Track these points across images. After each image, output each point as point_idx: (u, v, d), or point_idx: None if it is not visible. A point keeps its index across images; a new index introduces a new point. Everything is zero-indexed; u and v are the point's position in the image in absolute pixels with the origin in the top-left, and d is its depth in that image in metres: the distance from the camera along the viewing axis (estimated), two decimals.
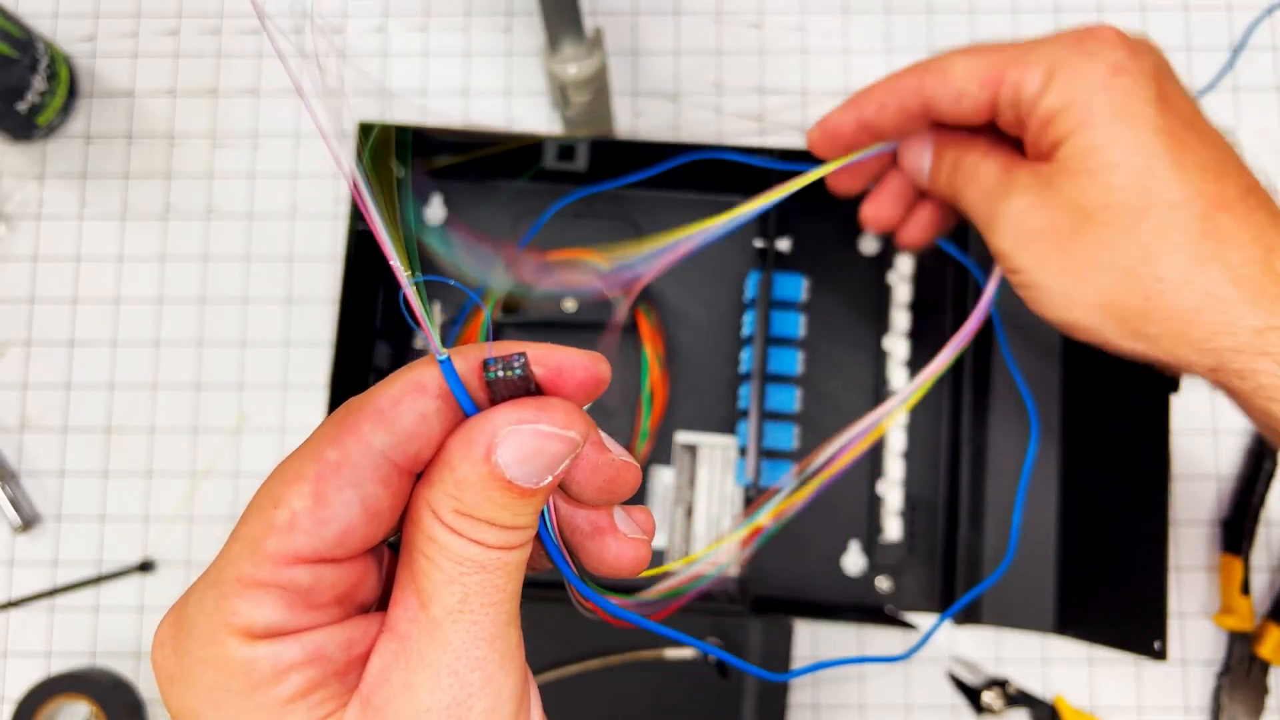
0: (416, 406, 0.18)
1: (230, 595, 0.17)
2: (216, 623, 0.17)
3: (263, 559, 0.17)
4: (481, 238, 0.52)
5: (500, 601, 0.19)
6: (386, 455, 0.18)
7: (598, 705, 0.45)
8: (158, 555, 0.53)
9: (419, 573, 0.18)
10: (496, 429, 0.18)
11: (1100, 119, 0.29)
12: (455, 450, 0.18)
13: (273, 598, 0.17)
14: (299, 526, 0.17)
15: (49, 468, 0.53)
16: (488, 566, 0.18)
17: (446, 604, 0.18)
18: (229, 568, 0.18)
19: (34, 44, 0.52)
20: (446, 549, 0.18)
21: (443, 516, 0.18)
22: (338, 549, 0.18)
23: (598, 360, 0.20)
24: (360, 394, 0.19)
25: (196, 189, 0.55)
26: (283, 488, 0.18)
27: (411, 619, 0.18)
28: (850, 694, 0.50)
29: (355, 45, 0.57)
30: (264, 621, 0.17)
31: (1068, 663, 0.50)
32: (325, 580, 0.18)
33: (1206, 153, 0.29)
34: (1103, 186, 0.29)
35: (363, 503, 0.18)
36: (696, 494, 0.51)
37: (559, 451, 0.18)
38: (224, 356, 0.54)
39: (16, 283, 0.55)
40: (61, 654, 0.52)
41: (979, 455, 0.50)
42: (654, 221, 0.53)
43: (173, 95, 0.56)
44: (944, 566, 0.50)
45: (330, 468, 0.18)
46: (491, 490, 0.18)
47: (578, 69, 0.46)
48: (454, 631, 0.18)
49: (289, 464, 0.18)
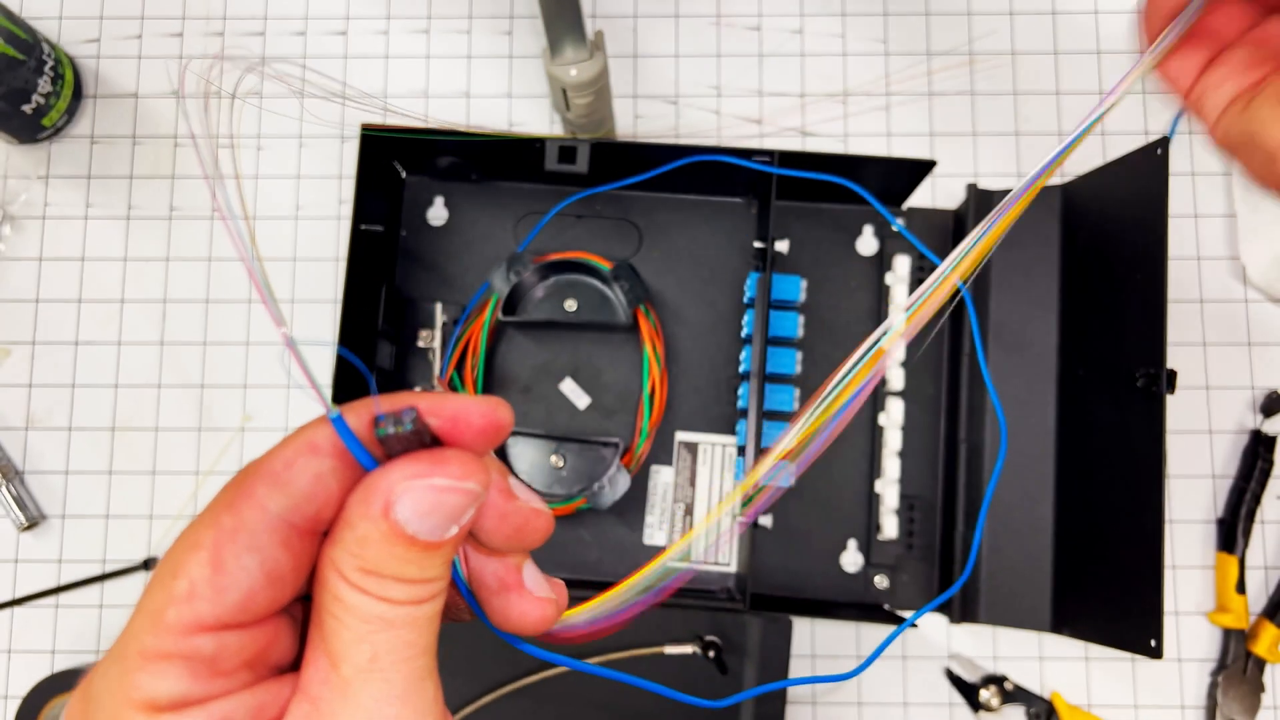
0: (311, 467, 0.18)
1: (133, 670, 0.17)
2: (119, 699, 0.17)
3: (164, 630, 0.17)
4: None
5: (411, 657, 0.18)
6: (283, 518, 0.18)
7: (597, 702, 0.46)
8: (161, 553, 0.53)
9: (328, 633, 0.18)
10: (392, 485, 0.17)
11: None
12: (354, 509, 0.18)
13: (176, 668, 0.17)
14: (198, 594, 0.17)
15: (54, 466, 0.54)
16: (396, 623, 0.18)
17: (356, 663, 0.18)
18: (132, 641, 0.17)
19: (39, 46, 0.52)
20: (352, 608, 0.18)
21: (347, 575, 0.18)
22: (240, 614, 0.18)
23: (496, 405, 0.19)
24: (257, 458, 0.19)
25: (200, 190, 0.56)
26: (181, 556, 0.17)
27: (323, 680, 0.18)
28: (849, 691, 0.51)
29: (358, 48, 0.57)
30: (167, 693, 0.17)
31: (1064, 660, 0.51)
32: (230, 647, 0.18)
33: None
34: None
35: (262, 567, 0.18)
36: (696, 493, 0.52)
37: (458, 504, 0.18)
38: (228, 356, 0.54)
39: (22, 283, 0.55)
40: (65, 651, 0.52)
41: (975, 454, 0.50)
42: (654, 222, 0.54)
43: (176, 97, 0.57)
44: (941, 564, 0.50)
45: (226, 534, 0.17)
46: (394, 546, 0.18)
47: (579, 72, 0.46)
48: (365, 690, 0.18)
49: (187, 533, 0.18)
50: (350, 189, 0.50)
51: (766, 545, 0.51)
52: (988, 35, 0.56)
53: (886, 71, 0.55)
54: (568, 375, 0.53)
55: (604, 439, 0.50)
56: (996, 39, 0.56)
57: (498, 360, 0.53)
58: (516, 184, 0.54)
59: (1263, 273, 0.52)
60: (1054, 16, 0.56)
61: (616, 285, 0.51)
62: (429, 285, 0.54)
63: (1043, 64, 0.55)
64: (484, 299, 0.52)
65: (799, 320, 0.51)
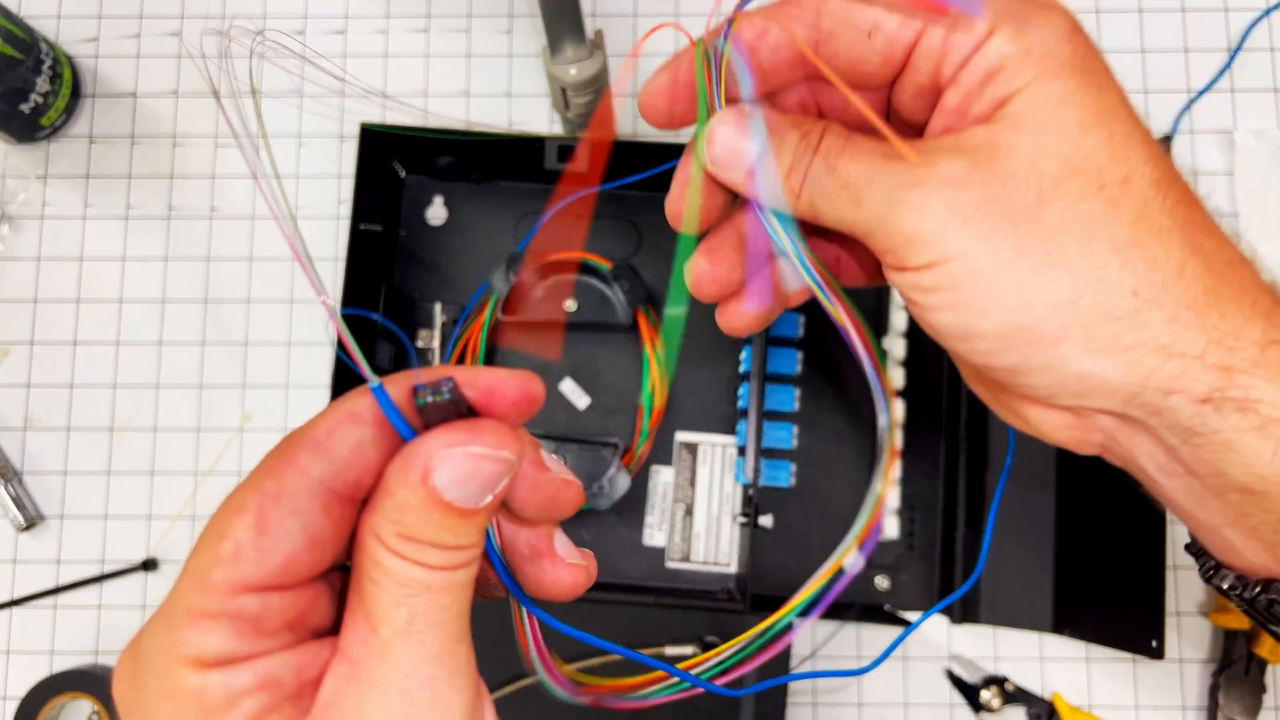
0: (352, 435, 0.19)
1: (181, 627, 0.18)
2: (169, 655, 0.18)
3: (210, 590, 0.18)
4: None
5: (447, 621, 0.19)
6: (325, 484, 0.19)
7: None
8: (160, 554, 0.53)
9: (366, 596, 0.19)
10: (431, 452, 0.18)
11: (1068, 70, 0.22)
12: (393, 476, 0.18)
13: (222, 627, 0.18)
14: (243, 556, 0.18)
15: (52, 467, 0.54)
16: (433, 587, 0.19)
17: (394, 625, 0.19)
18: (179, 601, 0.18)
19: (37, 45, 0.52)
20: (391, 572, 0.19)
21: (386, 541, 0.19)
22: (283, 576, 0.18)
23: (529, 379, 0.20)
24: (299, 426, 0.19)
25: (199, 189, 0.56)
26: (227, 520, 0.18)
27: (361, 642, 0.19)
28: (849, 692, 0.51)
29: (357, 47, 0.57)
30: (214, 650, 0.18)
31: (1065, 661, 0.51)
32: (273, 607, 0.18)
33: (1144, 132, 0.23)
34: (1074, 149, 0.21)
35: (305, 531, 0.18)
36: (696, 493, 0.52)
37: (494, 471, 0.19)
38: (227, 356, 0.54)
39: (20, 283, 0.55)
40: (64, 652, 0.52)
41: (977, 454, 0.50)
42: (654, 222, 0.53)
43: (175, 96, 0.57)
44: (942, 565, 0.50)
45: (270, 498, 0.18)
46: (431, 513, 0.18)
47: (578, 71, 0.46)
48: (402, 652, 0.19)
49: (232, 498, 0.19)
50: (349, 188, 0.50)
51: (766, 545, 0.51)
52: None
53: None
54: (567, 375, 0.52)
55: (604, 439, 0.50)
56: None
57: (497, 360, 0.53)
58: (516, 183, 0.54)
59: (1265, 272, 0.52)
60: None
61: (616, 285, 0.51)
62: (428, 285, 0.54)
63: None
64: (483, 299, 0.51)
65: (799, 320, 0.51)
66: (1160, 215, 0.22)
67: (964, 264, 0.22)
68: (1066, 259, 0.21)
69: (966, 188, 0.22)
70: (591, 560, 0.23)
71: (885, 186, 0.23)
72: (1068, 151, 0.21)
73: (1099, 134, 0.22)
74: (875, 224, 0.23)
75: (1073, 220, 0.21)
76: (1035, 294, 0.21)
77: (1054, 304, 0.21)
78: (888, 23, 0.23)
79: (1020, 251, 0.21)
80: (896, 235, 0.23)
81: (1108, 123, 0.22)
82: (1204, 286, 0.22)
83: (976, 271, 0.22)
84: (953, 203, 0.22)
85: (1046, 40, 0.22)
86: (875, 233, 0.23)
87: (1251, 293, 0.23)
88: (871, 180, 0.23)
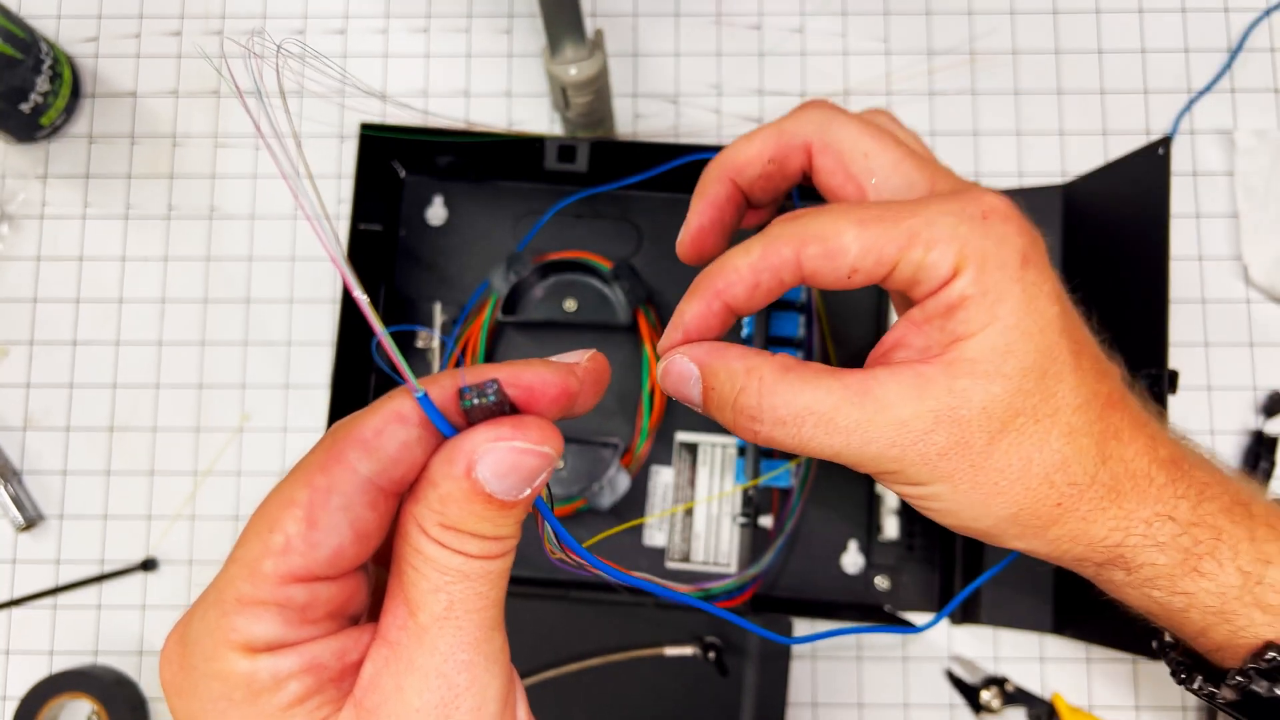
0: (399, 435, 0.20)
1: (231, 613, 0.19)
2: (218, 639, 0.19)
3: (260, 579, 0.19)
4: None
5: (484, 608, 0.20)
6: (372, 480, 0.19)
7: (598, 703, 0.46)
8: (160, 554, 0.53)
9: (407, 583, 0.20)
10: (476, 447, 0.19)
11: (1015, 316, 0.26)
12: (438, 469, 0.19)
13: (270, 614, 0.19)
14: (293, 549, 0.19)
15: (52, 467, 0.54)
16: (471, 575, 0.20)
17: (433, 611, 0.20)
18: (229, 588, 0.19)
19: (37, 45, 0.52)
20: (432, 560, 0.20)
21: (428, 530, 0.19)
22: (330, 568, 0.19)
23: (568, 374, 0.21)
24: (346, 419, 0.20)
25: (199, 189, 0.56)
26: (277, 512, 0.19)
27: (401, 626, 0.20)
28: (849, 692, 0.51)
29: (357, 47, 0.57)
30: (263, 636, 0.19)
31: (1065, 662, 0.51)
32: (319, 597, 0.19)
33: (1091, 350, 0.28)
34: (1016, 393, 0.26)
35: (352, 525, 0.19)
36: (696, 493, 0.51)
37: (535, 466, 0.20)
38: (226, 356, 0.54)
39: (20, 282, 0.55)
40: (64, 652, 0.52)
41: None
42: (654, 222, 0.53)
43: (175, 96, 0.57)
44: (942, 566, 0.50)
45: (320, 494, 0.19)
46: (473, 504, 0.19)
47: (578, 71, 0.46)
48: (440, 637, 0.20)
49: (282, 489, 0.19)
50: (349, 188, 0.50)
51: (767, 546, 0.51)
52: (989, 34, 0.56)
53: (887, 70, 0.55)
54: None
55: (604, 439, 0.50)
56: (997, 38, 0.55)
57: (497, 360, 0.53)
58: (516, 183, 0.54)
59: (1265, 273, 0.52)
60: (1055, 16, 0.55)
61: (616, 285, 0.51)
62: (428, 285, 0.54)
63: (1044, 63, 0.55)
64: (483, 299, 0.51)
65: (800, 320, 0.51)
66: (1080, 435, 0.27)
67: (934, 495, 0.28)
68: (1010, 486, 0.27)
69: (933, 436, 0.27)
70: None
71: (879, 448, 0.28)
72: (1009, 397, 0.26)
73: (1035, 378, 0.27)
74: (865, 463, 0.28)
75: (1015, 455, 0.27)
76: (986, 511, 0.28)
77: (1000, 518, 0.28)
78: (863, 263, 0.27)
79: (975, 486, 0.27)
80: (885, 476, 0.28)
81: (1042, 364, 0.27)
82: (1108, 489, 0.28)
83: (945, 499, 0.28)
84: (924, 455, 0.27)
85: (1001, 283, 0.26)
86: (864, 466, 0.28)
87: (1146, 478, 0.28)
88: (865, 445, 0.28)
